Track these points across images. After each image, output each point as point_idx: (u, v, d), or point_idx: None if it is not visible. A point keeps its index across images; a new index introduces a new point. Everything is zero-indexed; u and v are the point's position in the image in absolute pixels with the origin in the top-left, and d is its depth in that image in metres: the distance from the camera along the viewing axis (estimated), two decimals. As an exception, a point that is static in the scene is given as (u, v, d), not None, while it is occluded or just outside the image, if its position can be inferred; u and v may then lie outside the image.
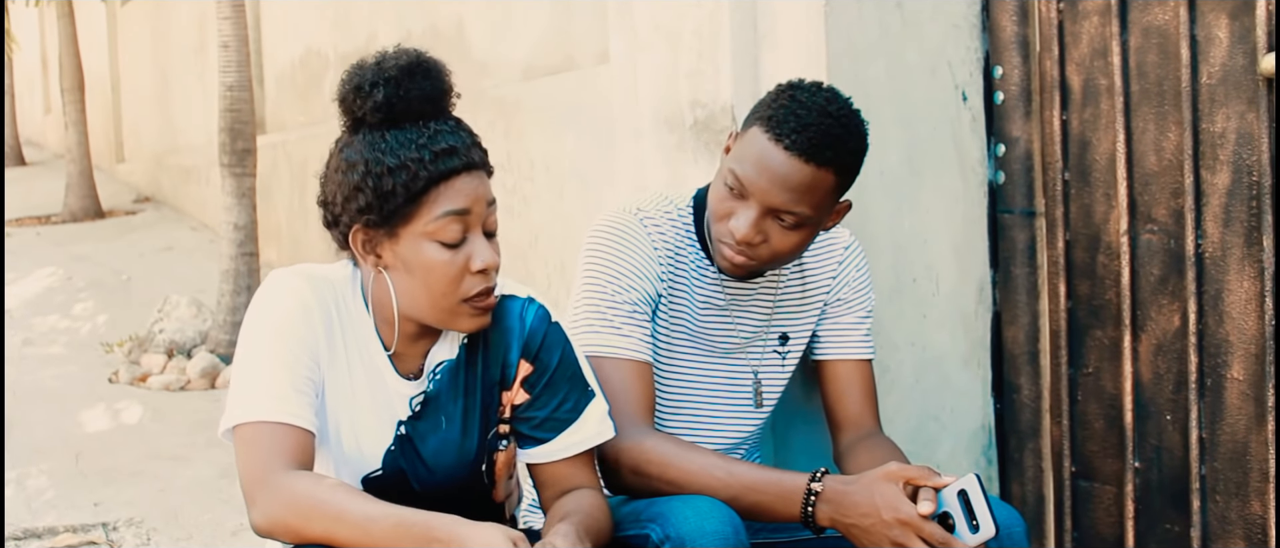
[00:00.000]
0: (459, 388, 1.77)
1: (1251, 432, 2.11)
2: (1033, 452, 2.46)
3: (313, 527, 1.53)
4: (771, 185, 1.85)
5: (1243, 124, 2.07)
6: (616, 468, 1.86)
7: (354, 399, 1.72)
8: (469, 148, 1.65)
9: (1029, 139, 2.42)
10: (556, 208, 3.50)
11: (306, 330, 1.66)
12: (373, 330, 1.73)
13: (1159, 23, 2.18)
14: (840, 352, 2.11)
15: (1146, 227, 2.23)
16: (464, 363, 1.77)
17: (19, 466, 3.99)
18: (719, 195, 1.91)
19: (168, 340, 5.45)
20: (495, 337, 1.77)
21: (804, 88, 1.89)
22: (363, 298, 1.74)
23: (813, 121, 1.83)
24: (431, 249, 1.64)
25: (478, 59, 4.27)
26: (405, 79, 1.64)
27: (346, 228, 1.67)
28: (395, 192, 1.62)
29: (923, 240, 2.43)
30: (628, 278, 1.94)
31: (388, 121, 1.64)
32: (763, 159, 1.84)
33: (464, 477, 1.78)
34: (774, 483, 1.78)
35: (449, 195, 1.63)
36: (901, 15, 2.39)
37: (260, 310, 1.67)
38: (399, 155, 1.61)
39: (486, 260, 1.65)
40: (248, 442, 1.60)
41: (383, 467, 1.74)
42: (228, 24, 5.53)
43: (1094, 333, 2.33)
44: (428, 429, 1.75)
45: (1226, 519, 2.15)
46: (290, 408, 1.61)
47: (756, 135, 1.86)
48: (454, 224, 1.63)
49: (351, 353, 1.72)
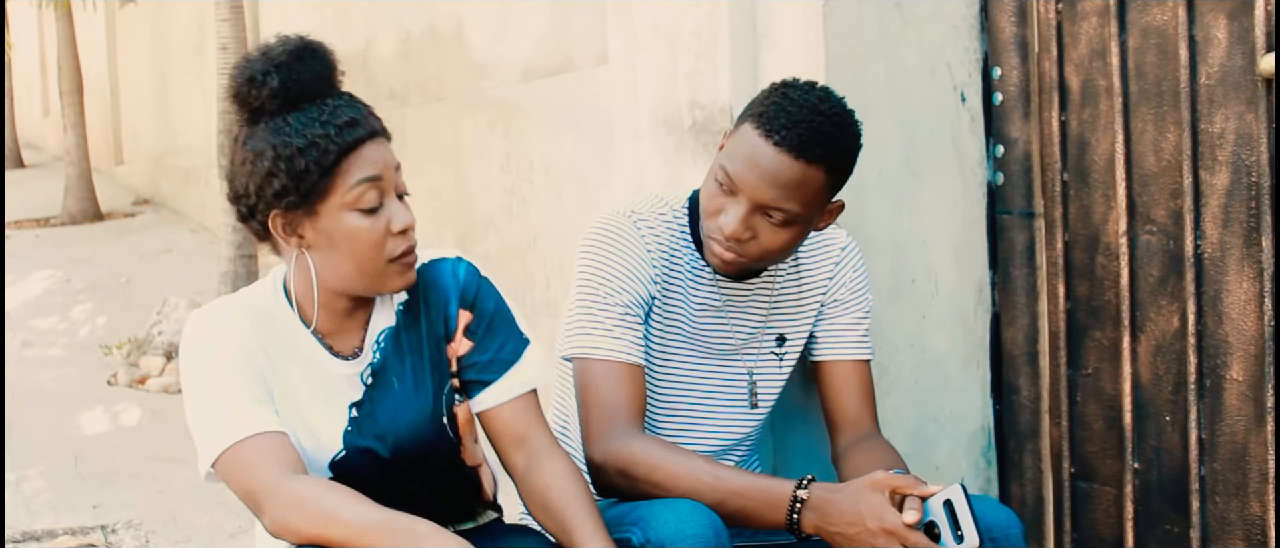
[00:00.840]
0: (404, 349, 1.81)
1: (1251, 433, 2.11)
2: (1032, 453, 2.46)
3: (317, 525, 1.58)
4: (760, 181, 1.85)
5: (1241, 125, 2.07)
6: (603, 470, 1.86)
7: (299, 399, 1.76)
8: (368, 117, 1.71)
9: (1028, 140, 2.42)
10: (555, 209, 3.50)
11: (242, 354, 1.72)
12: (302, 328, 1.78)
13: (1157, 23, 2.18)
14: (838, 352, 2.11)
15: (1145, 227, 2.23)
16: (404, 326, 1.82)
17: (18, 468, 3.98)
18: (710, 192, 1.92)
19: (167, 342, 5.45)
20: (433, 295, 1.82)
21: (797, 86, 1.90)
22: (288, 301, 1.78)
23: (804, 119, 1.83)
24: (352, 218, 1.69)
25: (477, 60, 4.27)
26: (295, 62, 1.68)
27: (264, 216, 1.71)
28: (309, 170, 1.66)
29: (922, 241, 2.43)
30: (619, 280, 1.94)
31: (286, 105, 1.68)
32: (753, 155, 1.85)
33: (427, 434, 1.80)
34: (760, 489, 1.78)
35: (360, 164, 1.68)
36: (900, 16, 2.39)
37: (192, 355, 1.72)
38: (306, 135, 1.66)
39: (405, 221, 1.71)
40: (234, 466, 1.65)
41: (345, 447, 1.77)
42: (226, 26, 5.53)
43: (1093, 334, 2.33)
44: (381, 396, 1.79)
45: (1226, 520, 2.15)
46: (256, 419, 1.67)
47: (747, 132, 1.87)
48: (370, 190, 1.68)
49: (288, 357, 1.76)
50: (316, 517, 1.58)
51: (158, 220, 9.28)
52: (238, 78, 1.70)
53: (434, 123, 4.41)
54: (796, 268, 2.11)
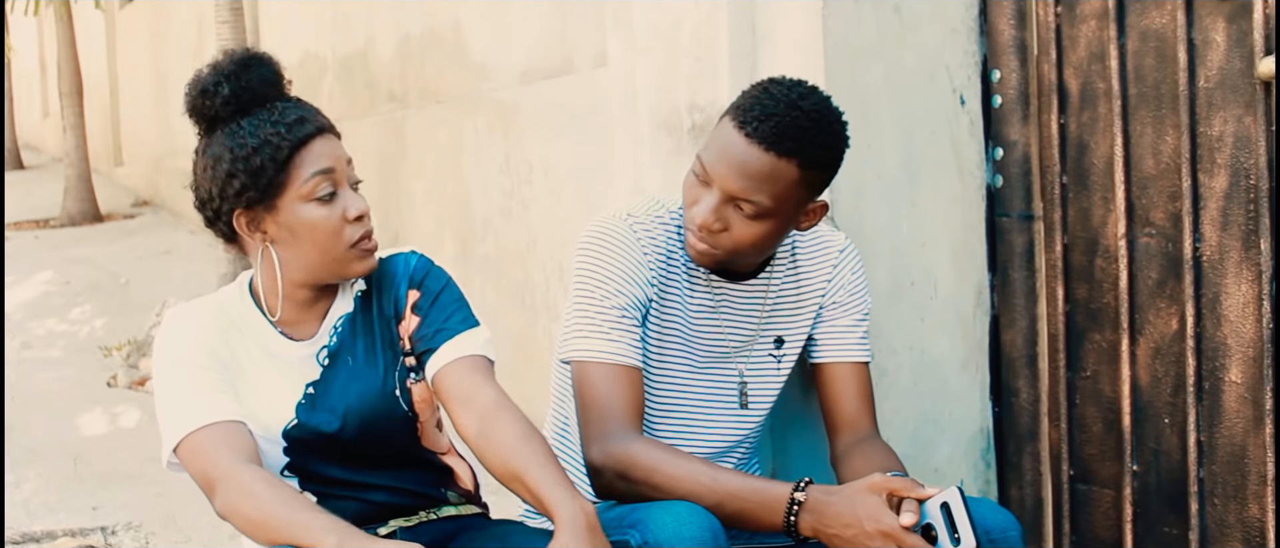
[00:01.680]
0: (359, 331, 1.90)
1: (1249, 435, 2.11)
2: (1031, 455, 2.46)
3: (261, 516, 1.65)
4: (730, 171, 1.86)
5: (1240, 127, 2.07)
6: (602, 472, 1.86)
7: (259, 384, 1.85)
8: (316, 116, 1.83)
9: (1027, 143, 2.42)
10: (555, 211, 3.50)
11: (204, 349, 1.82)
12: (264, 321, 1.88)
13: (1156, 26, 2.18)
14: (836, 354, 2.11)
15: (1144, 230, 2.23)
16: (360, 310, 1.91)
17: (17, 469, 3.98)
18: (688, 183, 1.94)
19: (166, 344, 5.44)
20: (386, 282, 1.92)
21: (779, 82, 1.91)
22: (253, 299, 1.90)
23: (778, 112, 1.85)
24: (309, 209, 1.80)
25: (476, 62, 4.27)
26: (243, 71, 1.81)
27: (229, 216, 1.82)
28: (264, 167, 1.78)
29: (921, 244, 2.43)
30: (616, 283, 1.95)
31: (238, 111, 1.81)
32: (726, 146, 1.87)
33: (378, 407, 1.86)
34: (757, 491, 1.78)
35: (311, 158, 1.79)
36: (899, 19, 2.39)
37: (162, 350, 1.84)
38: (258, 135, 1.78)
39: (359, 208, 1.82)
40: (192, 452, 1.75)
41: (296, 417, 1.84)
42: (226, 28, 5.54)
43: (1092, 336, 2.34)
44: (335, 374, 1.87)
45: (1225, 523, 2.15)
46: (216, 408, 1.77)
47: (724, 124, 1.90)
48: (323, 182, 1.80)
49: (251, 349, 1.87)
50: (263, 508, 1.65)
51: (157, 222, 9.28)
52: (191, 92, 1.83)
53: (433, 125, 4.41)
54: (795, 270, 2.11)
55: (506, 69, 4.02)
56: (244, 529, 1.67)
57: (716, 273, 2.04)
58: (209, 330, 1.84)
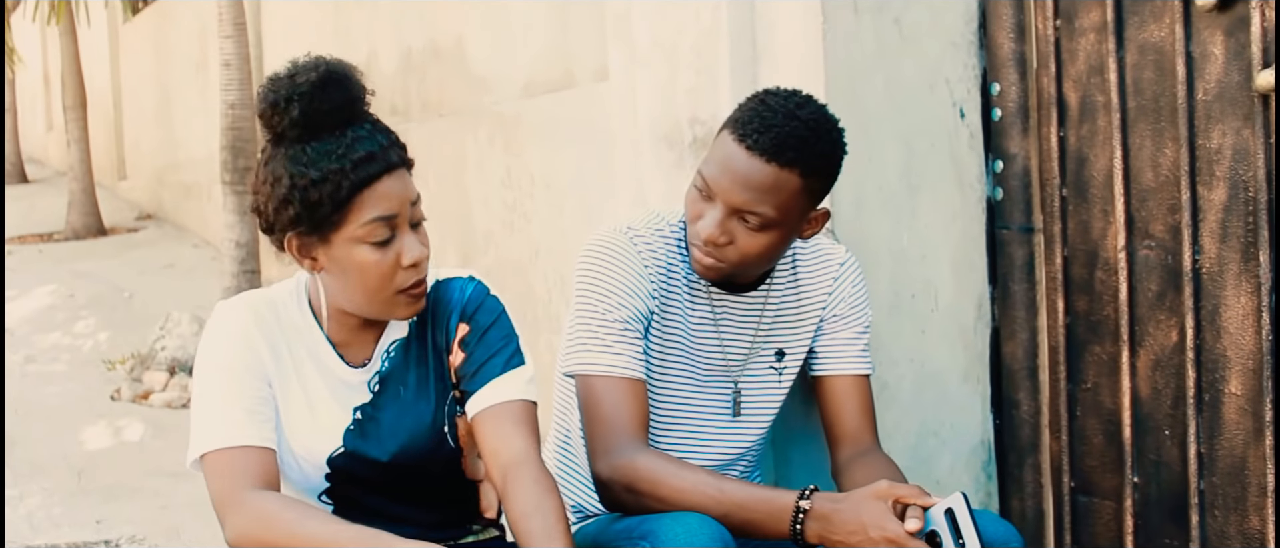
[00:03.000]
0: (412, 359, 1.85)
1: (1249, 447, 2.11)
2: (1032, 467, 2.47)
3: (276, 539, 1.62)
4: (733, 184, 1.87)
5: (1239, 140, 2.07)
6: (609, 485, 1.87)
7: (309, 400, 1.80)
8: (387, 150, 1.71)
9: (1027, 155, 2.42)
10: (556, 223, 3.51)
11: (250, 355, 1.76)
12: (320, 333, 1.83)
13: (1155, 40, 2.19)
14: (837, 367, 2.11)
15: (1144, 242, 2.23)
16: (415, 337, 1.85)
17: (21, 483, 3.99)
18: (690, 199, 1.95)
19: (170, 358, 5.46)
20: (440, 310, 1.86)
21: (777, 93, 1.92)
22: (309, 305, 1.83)
23: (778, 123, 1.86)
24: (362, 251, 1.71)
25: (477, 75, 4.28)
26: (318, 92, 1.69)
27: (281, 236, 1.75)
28: (322, 202, 1.69)
29: (921, 256, 2.43)
30: (618, 296, 1.95)
31: (306, 135, 1.70)
32: (727, 159, 1.88)
33: (427, 443, 1.83)
34: (763, 501, 1.79)
35: (373, 201, 1.70)
36: (899, 32, 2.40)
37: (206, 347, 1.78)
38: (320, 168, 1.68)
39: (415, 255, 1.73)
40: (213, 469, 1.71)
41: (344, 445, 1.80)
42: (229, 42, 5.56)
43: (1092, 348, 2.34)
44: (386, 401, 1.83)
45: (1225, 534, 2.16)
46: (246, 431, 1.71)
47: (724, 138, 1.90)
48: (381, 227, 1.71)
49: (301, 361, 1.81)
50: (279, 530, 1.62)
51: (160, 235, 9.29)
52: (263, 100, 1.72)
53: (435, 138, 4.42)
54: (795, 282, 2.12)
55: (508, 82, 4.03)
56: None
57: (717, 285, 2.04)
58: (257, 331, 1.78)
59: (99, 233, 9.59)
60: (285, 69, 1.72)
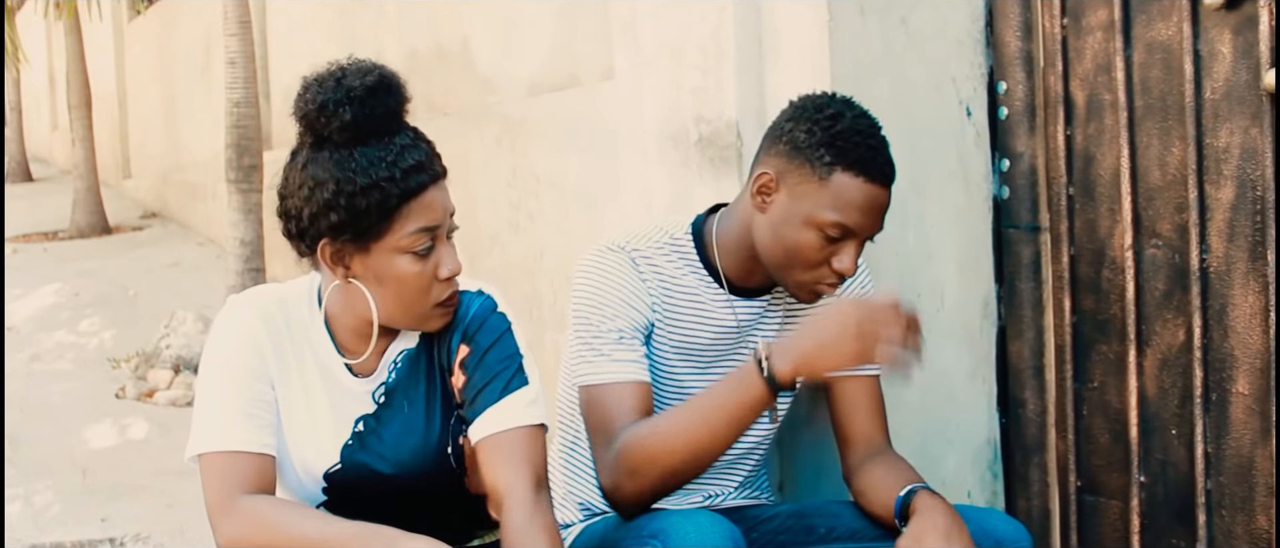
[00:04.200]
0: (419, 374, 1.82)
1: (1257, 446, 2.11)
2: (1038, 467, 2.46)
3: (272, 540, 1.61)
4: (876, 220, 1.90)
5: (1246, 139, 2.07)
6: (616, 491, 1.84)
7: (310, 407, 1.78)
8: (432, 161, 1.72)
9: (1033, 154, 2.42)
10: (561, 224, 3.50)
11: (254, 356, 1.74)
12: (327, 339, 1.80)
13: (1162, 38, 2.18)
14: None
15: (1151, 241, 2.23)
16: (423, 350, 1.83)
17: (26, 481, 3.99)
18: (812, 244, 1.89)
19: (174, 356, 5.46)
20: (447, 326, 1.82)
21: (850, 114, 1.91)
22: (320, 307, 1.80)
23: (876, 145, 1.89)
24: (403, 262, 1.70)
25: (483, 75, 4.28)
26: (370, 98, 1.67)
27: (313, 241, 1.71)
28: (369, 210, 1.66)
29: (927, 255, 2.43)
30: (612, 307, 1.95)
31: (354, 140, 1.67)
32: (865, 202, 1.87)
33: (430, 462, 1.80)
34: (732, 388, 1.78)
35: (419, 212, 1.69)
36: (906, 31, 2.39)
37: (212, 343, 1.76)
38: (371, 174, 1.65)
39: (452, 267, 1.73)
40: (209, 471, 1.69)
41: (341, 461, 1.79)
42: (234, 41, 5.55)
43: (1099, 348, 2.34)
44: (390, 416, 1.80)
45: (1232, 534, 2.15)
46: (242, 435, 1.70)
47: (850, 181, 1.87)
48: (424, 238, 1.70)
49: (306, 364, 1.79)
50: (275, 530, 1.61)
51: (165, 234, 9.30)
52: (308, 101, 1.68)
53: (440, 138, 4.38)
54: None
55: (513, 82, 4.03)
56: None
57: (734, 292, 2.04)
58: (263, 330, 1.76)
59: (104, 232, 9.60)
60: (330, 71, 1.69)
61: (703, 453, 1.80)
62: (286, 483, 1.83)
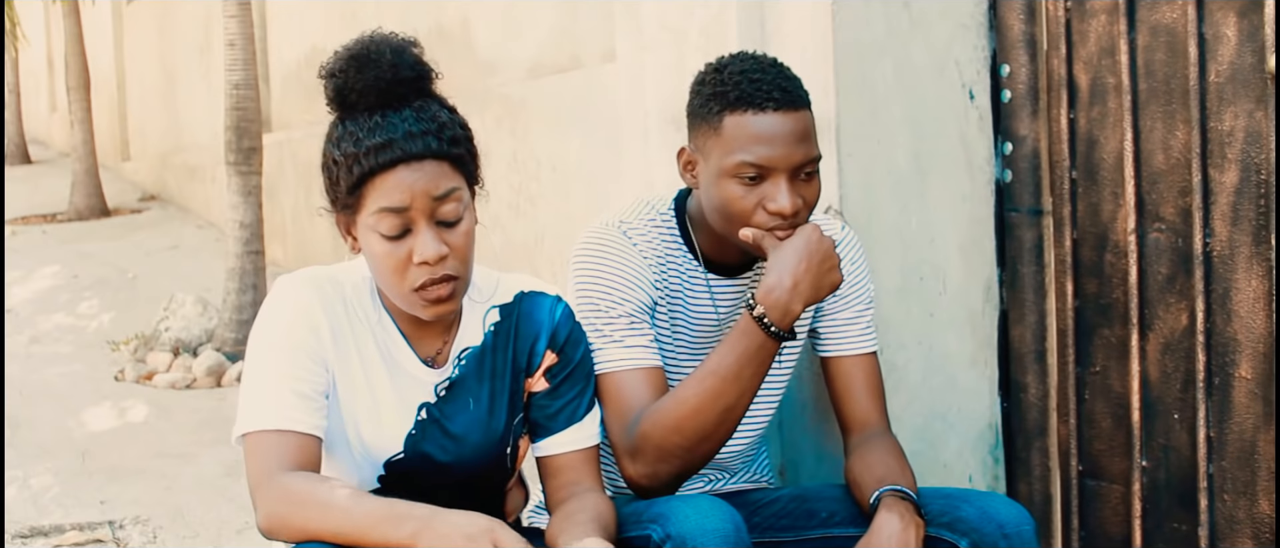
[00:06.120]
0: (485, 372, 1.80)
1: (1259, 431, 2.10)
2: (1040, 451, 2.46)
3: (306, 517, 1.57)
4: (788, 147, 1.86)
5: (1251, 122, 2.06)
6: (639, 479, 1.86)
7: (371, 391, 1.74)
8: (411, 138, 1.61)
9: (1036, 137, 2.41)
10: (562, 207, 3.50)
11: (309, 336, 1.68)
12: (391, 323, 1.76)
13: (1167, 21, 2.17)
14: (841, 347, 2.09)
15: (1154, 225, 2.23)
16: (490, 348, 1.81)
17: (25, 464, 3.99)
18: (736, 194, 1.88)
19: (173, 339, 5.46)
20: (524, 327, 1.82)
21: (737, 59, 1.92)
22: (378, 292, 1.76)
23: (761, 77, 1.88)
24: (373, 240, 1.65)
25: (484, 58, 4.27)
26: (350, 69, 1.64)
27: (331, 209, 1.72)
28: (339, 182, 1.65)
29: (930, 239, 2.43)
30: (619, 290, 1.94)
31: (343, 112, 1.66)
32: (768, 131, 1.86)
33: (489, 458, 1.80)
34: (733, 342, 1.85)
35: (383, 191, 1.61)
36: (908, 14, 2.39)
37: (264, 321, 1.71)
38: (342, 147, 1.64)
39: (425, 254, 1.63)
40: (253, 449, 1.64)
41: (404, 450, 1.76)
42: (234, 22, 5.54)
43: (1101, 332, 2.33)
44: (455, 411, 1.78)
45: (1234, 518, 2.15)
46: (292, 415, 1.64)
47: (739, 120, 1.87)
48: (389, 218, 1.62)
49: (365, 347, 1.74)
50: (310, 507, 1.56)
51: (164, 216, 9.29)
52: (320, 71, 1.69)
53: (441, 120, 4.40)
54: None
55: (515, 65, 4.02)
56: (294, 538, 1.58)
57: (712, 271, 2.03)
58: (320, 310, 1.70)
59: (103, 214, 9.59)
60: (358, 38, 1.68)
61: (727, 414, 1.83)
62: (340, 467, 1.78)
